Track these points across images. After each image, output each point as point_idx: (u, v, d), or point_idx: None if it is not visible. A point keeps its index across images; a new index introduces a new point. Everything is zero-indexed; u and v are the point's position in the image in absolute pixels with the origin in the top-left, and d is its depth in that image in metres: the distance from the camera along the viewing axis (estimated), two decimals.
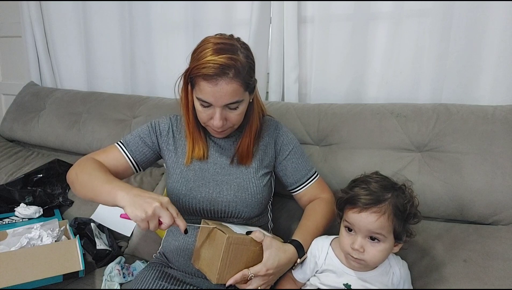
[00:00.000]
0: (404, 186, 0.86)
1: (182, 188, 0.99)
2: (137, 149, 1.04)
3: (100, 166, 0.95)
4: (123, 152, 1.03)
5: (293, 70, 1.43)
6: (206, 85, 0.85)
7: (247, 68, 0.87)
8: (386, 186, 0.83)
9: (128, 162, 1.03)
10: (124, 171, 1.03)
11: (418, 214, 0.85)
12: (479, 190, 1.02)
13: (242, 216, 0.99)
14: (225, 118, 0.91)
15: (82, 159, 1.00)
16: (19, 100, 1.96)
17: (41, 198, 1.44)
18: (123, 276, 1.19)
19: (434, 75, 1.24)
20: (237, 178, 0.99)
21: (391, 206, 0.80)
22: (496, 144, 1.04)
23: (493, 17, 1.14)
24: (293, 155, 1.05)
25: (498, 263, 0.91)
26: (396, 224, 0.81)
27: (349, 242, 0.84)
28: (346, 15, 1.32)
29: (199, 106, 0.91)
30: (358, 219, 0.81)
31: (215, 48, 0.85)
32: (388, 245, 0.82)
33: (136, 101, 1.64)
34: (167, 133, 1.06)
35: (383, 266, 0.88)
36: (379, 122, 1.17)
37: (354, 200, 0.82)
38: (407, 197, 0.83)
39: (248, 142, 1.00)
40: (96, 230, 1.30)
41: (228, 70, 0.83)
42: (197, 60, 0.86)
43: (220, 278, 0.80)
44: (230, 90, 0.85)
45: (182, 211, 1.00)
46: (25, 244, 1.12)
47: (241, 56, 0.87)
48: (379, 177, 0.87)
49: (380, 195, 0.81)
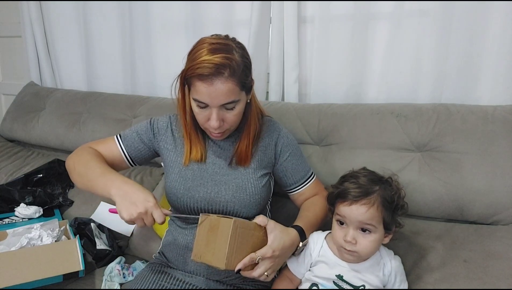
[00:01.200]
0: (391, 179, 0.91)
1: (180, 187, 0.99)
2: (132, 144, 1.06)
3: (96, 156, 0.99)
4: (119, 145, 1.06)
5: (293, 70, 1.43)
6: (202, 85, 0.85)
7: (242, 67, 0.87)
8: (374, 179, 0.88)
9: (123, 156, 1.06)
10: (120, 163, 1.07)
11: (405, 205, 0.90)
12: (479, 190, 1.02)
13: (240, 216, 0.98)
14: (222, 119, 0.90)
15: (80, 147, 1.05)
16: (19, 100, 1.96)
17: (41, 198, 1.44)
18: (123, 276, 1.19)
19: (434, 75, 1.24)
20: (236, 178, 0.99)
21: (379, 198, 0.85)
22: (496, 144, 1.04)
23: (493, 17, 1.14)
24: (293, 156, 1.05)
25: (498, 263, 0.91)
26: (385, 215, 0.85)
27: (341, 235, 0.87)
28: (346, 15, 1.32)
29: (196, 108, 0.91)
30: (349, 212, 0.85)
31: (210, 48, 0.85)
32: (379, 236, 0.86)
33: (136, 101, 1.64)
34: (165, 131, 1.06)
35: (374, 257, 0.91)
36: (379, 122, 1.17)
37: (345, 193, 0.87)
38: (394, 189, 0.88)
39: (247, 143, 0.99)
40: (96, 230, 1.30)
41: (223, 70, 0.83)
42: (192, 60, 0.85)
43: (229, 263, 0.80)
44: (226, 89, 0.85)
45: (180, 210, 1.01)
46: (25, 244, 1.12)
47: (237, 56, 0.86)
48: (366, 171, 0.92)
49: (369, 188, 0.86)
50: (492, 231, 1.01)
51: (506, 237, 0.97)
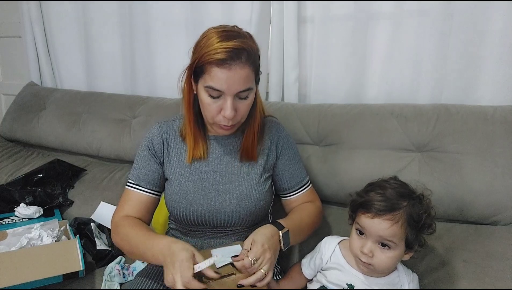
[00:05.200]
0: (422, 195, 0.83)
1: (182, 201, 0.96)
2: (146, 176, 0.99)
3: (131, 227, 0.93)
4: (138, 190, 0.99)
5: (293, 70, 1.43)
6: (219, 71, 0.82)
7: (256, 52, 0.87)
8: (403, 193, 0.81)
9: (149, 195, 0.99)
10: (153, 204, 1.01)
11: (433, 225, 0.83)
12: (479, 190, 1.02)
13: (245, 223, 0.97)
14: (235, 109, 0.87)
15: (113, 224, 0.97)
16: (19, 100, 1.96)
17: (41, 198, 1.44)
18: (123, 276, 1.19)
19: (434, 76, 1.24)
20: (239, 185, 0.97)
21: (405, 215, 0.79)
22: (496, 145, 1.04)
23: (493, 17, 1.14)
24: (291, 161, 1.04)
25: (498, 263, 0.91)
26: (408, 233, 0.80)
27: (359, 245, 0.83)
28: (346, 15, 1.32)
29: (208, 98, 0.86)
30: (370, 224, 0.80)
31: (221, 35, 0.83)
32: (398, 253, 0.81)
33: (136, 101, 1.64)
34: (162, 146, 1.01)
35: (391, 276, 0.87)
36: (379, 122, 1.17)
37: (368, 205, 0.81)
38: (423, 207, 0.81)
39: (252, 137, 0.97)
40: (96, 230, 1.30)
41: (241, 54, 0.82)
42: (206, 47, 0.83)
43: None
44: (244, 75, 0.83)
45: (183, 223, 0.99)
46: (25, 244, 1.12)
47: (249, 41, 0.86)
48: (396, 183, 0.85)
49: (395, 203, 0.79)
50: (492, 231, 1.01)
51: (506, 237, 0.97)
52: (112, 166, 1.63)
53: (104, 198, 1.47)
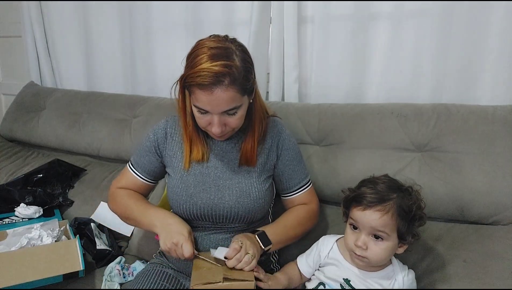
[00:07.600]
0: (411, 188, 0.88)
1: (182, 193, 0.98)
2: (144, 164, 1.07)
3: (128, 197, 1.06)
4: (134, 173, 1.08)
5: (293, 70, 1.43)
6: (202, 94, 0.83)
7: (243, 73, 0.85)
8: (392, 187, 0.86)
9: (143, 181, 1.08)
10: (146, 188, 1.11)
11: (424, 217, 0.87)
12: (479, 190, 1.02)
13: (244, 221, 0.98)
14: (224, 124, 0.89)
15: (110, 192, 1.11)
16: (19, 100, 1.96)
17: (41, 198, 1.44)
18: (123, 276, 1.19)
19: (434, 75, 1.24)
20: (239, 182, 0.98)
21: (395, 206, 0.83)
22: (496, 144, 1.04)
23: (493, 17, 1.14)
24: (292, 161, 1.04)
25: (498, 263, 0.91)
26: (400, 224, 0.83)
27: (353, 239, 0.87)
28: (346, 15, 1.32)
29: (197, 113, 0.90)
30: (362, 216, 0.84)
31: (209, 53, 0.82)
32: (391, 244, 0.84)
33: (136, 101, 1.64)
34: (165, 139, 1.04)
35: (386, 271, 0.89)
36: (379, 122, 1.17)
37: (360, 198, 0.85)
38: (412, 199, 0.85)
39: (252, 143, 0.98)
40: (96, 230, 1.30)
41: (223, 78, 0.81)
42: (191, 67, 0.83)
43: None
44: (226, 97, 0.84)
45: (183, 216, 1.00)
46: (25, 244, 1.12)
47: (237, 61, 0.84)
48: (386, 178, 0.90)
49: (385, 195, 0.84)
50: (492, 231, 1.01)
51: (506, 237, 0.97)
52: (112, 166, 1.62)
53: (104, 198, 1.46)
